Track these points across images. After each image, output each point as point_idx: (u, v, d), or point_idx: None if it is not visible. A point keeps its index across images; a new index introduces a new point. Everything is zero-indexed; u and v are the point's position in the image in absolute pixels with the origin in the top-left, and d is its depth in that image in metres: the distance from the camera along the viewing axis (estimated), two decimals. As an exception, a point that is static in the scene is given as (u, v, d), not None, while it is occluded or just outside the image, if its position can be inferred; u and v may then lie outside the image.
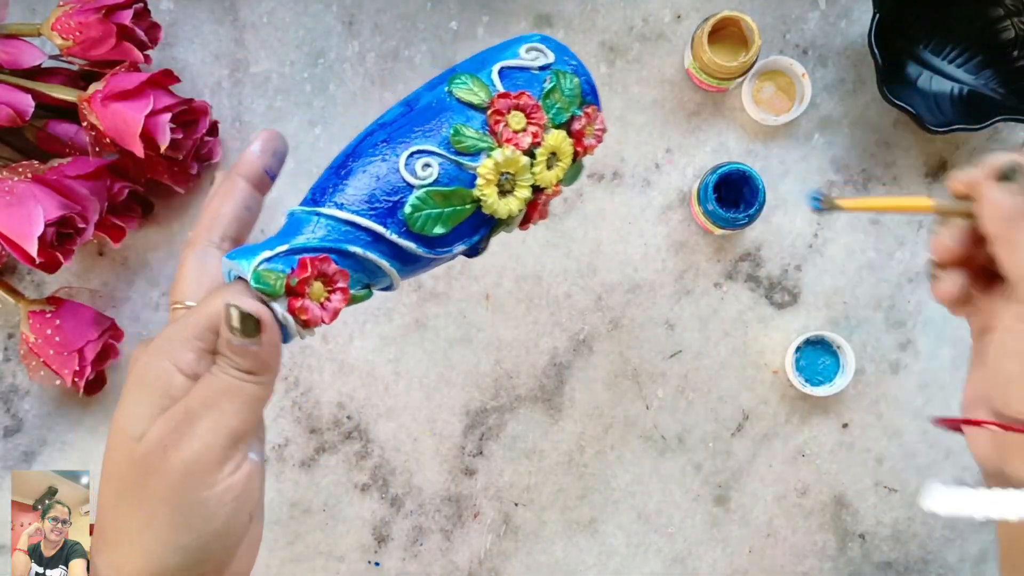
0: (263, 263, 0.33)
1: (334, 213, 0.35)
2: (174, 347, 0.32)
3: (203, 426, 0.31)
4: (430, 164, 0.35)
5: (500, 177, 0.36)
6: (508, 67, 0.37)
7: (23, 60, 0.54)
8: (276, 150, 0.39)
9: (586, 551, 0.62)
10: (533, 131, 0.37)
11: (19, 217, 0.50)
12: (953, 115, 0.59)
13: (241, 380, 0.32)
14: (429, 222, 0.35)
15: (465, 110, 0.36)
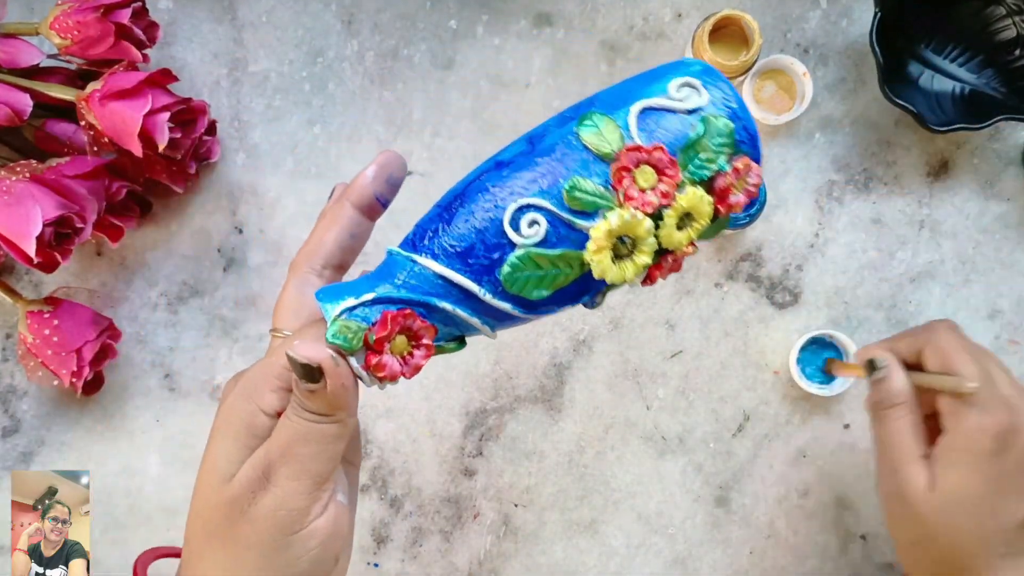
0: (344, 313, 0.31)
1: (428, 264, 0.32)
2: (257, 388, 0.32)
3: (284, 473, 0.31)
4: (537, 222, 0.31)
5: (616, 241, 0.32)
6: (651, 108, 0.32)
7: (21, 59, 0.54)
8: (391, 177, 0.36)
9: (586, 552, 0.61)
10: (663, 190, 0.31)
11: (17, 217, 0.50)
12: (954, 114, 0.59)
13: (313, 422, 0.31)
14: (528, 285, 0.32)
15: (589, 159, 0.31)
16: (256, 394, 0.32)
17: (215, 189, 0.62)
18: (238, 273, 0.62)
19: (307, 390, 0.30)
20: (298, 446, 0.31)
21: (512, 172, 0.32)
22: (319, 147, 0.62)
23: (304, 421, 0.31)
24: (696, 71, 0.32)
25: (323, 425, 0.31)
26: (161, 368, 0.61)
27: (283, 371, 0.32)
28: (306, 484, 0.31)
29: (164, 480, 0.61)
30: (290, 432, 0.31)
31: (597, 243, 0.31)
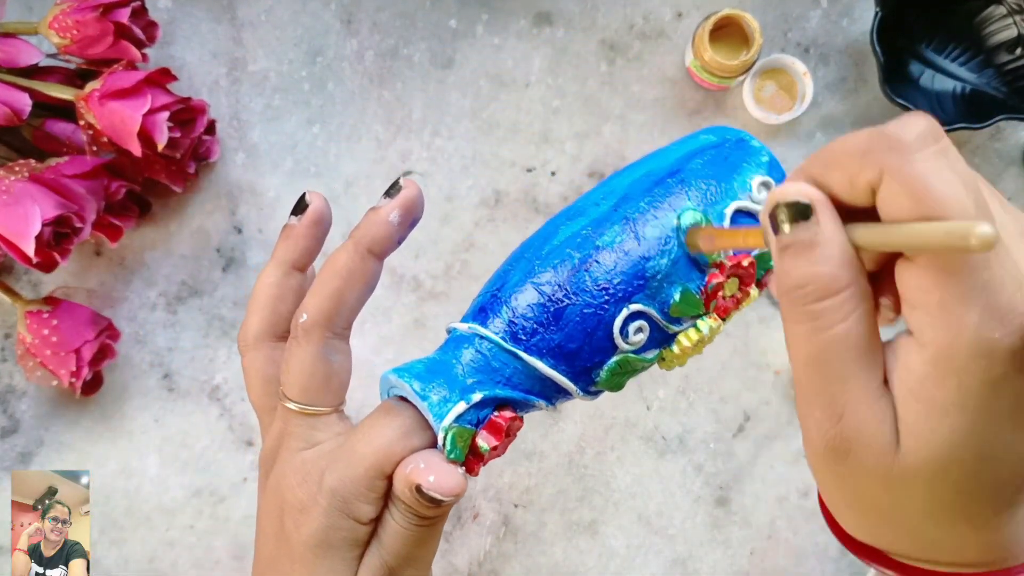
0: (456, 421, 0.30)
1: (537, 366, 0.30)
2: (350, 505, 0.30)
3: (408, 574, 0.31)
4: (642, 330, 0.31)
5: None
6: (740, 210, 0.32)
7: (20, 59, 0.54)
8: (415, 220, 0.32)
9: (586, 553, 0.61)
10: (739, 297, 0.32)
11: (16, 216, 0.50)
12: (955, 114, 0.58)
13: (432, 525, 0.30)
14: (613, 382, 0.32)
15: (691, 265, 0.31)
16: (351, 509, 0.30)
17: (214, 189, 0.62)
18: (237, 273, 0.62)
19: (434, 506, 0.29)
20: (419, 550, 0.31)
21: (620, 269, 0.31)
22: (318, 147, 0.62)
23: (427, 528, 0.30)
24: (767, 164, 0.33)
25: (439, 524, 0.31)
26: (160, 368, 0.61)
27: (376, 482, 0.30)
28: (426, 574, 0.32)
29: (163, 480, 0.61)
30: (408, 540, 0.30)
31: (684, 351, 0.32)
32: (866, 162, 0.22)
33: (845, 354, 0.23)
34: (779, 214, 0.23)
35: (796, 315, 0.23)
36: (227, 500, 0.61)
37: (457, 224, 0.61)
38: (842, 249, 0.23)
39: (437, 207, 0.61)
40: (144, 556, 0.60)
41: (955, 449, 0.23)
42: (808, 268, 0.23)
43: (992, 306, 0.21)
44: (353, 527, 0.30)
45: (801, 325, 0.23)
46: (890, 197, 0.21)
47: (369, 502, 0.30)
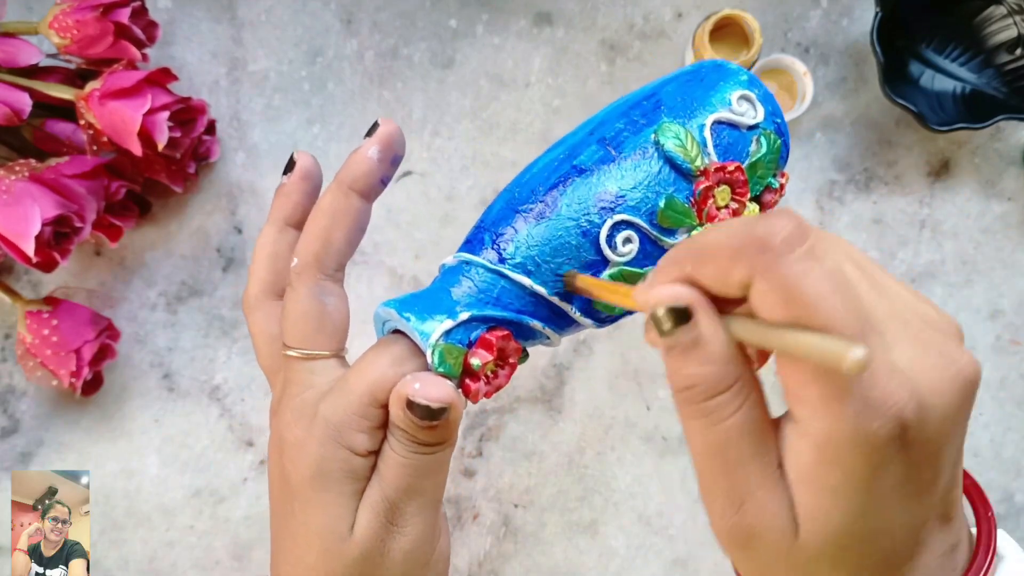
0: (443, 337, 0.29)
1: (521, 280, 0.30)
2: (344, 434, 0.29)
3: (411, 511, 0.30)
4: (631, 239, 0.31)
5: None
6: (719, 121, 0.32)
7: (20, 58, 0.54)
8: (396, 156, 0.32)
9: (586, 553, 0.61)
10: (735, 208, 0.32)
11: (16, 216, 0.49)
12: (955, 114, 0.58)
13: (433, 452, 0.30)
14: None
15: (674, 173, 0.31)
16: (346, 438, 0.29)
17: (214, 189, 0.62)
18: (237, 273, 0.62)
19: (427, 427, 0.29)
20: (420, 481, 0.30)
21: (600, 182, 0.31)
22: (318, 147, 0.62)
23: (422, 456, 0.29)
24: (746, 82, 0.33)
25: (441, 454, 0.30)
26: (160, 368, 0.61)
27: (370, 410, 0.29)
28: (431, 515, 0.31)
29: (163, 480, 0.61)
30: (408, 469, 0.29)
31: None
32: (737, 263, 0.22)
33: (740, 443, 0.24)
34: (660, 317, 0.24)
35: (688, 412, 0.24)
36: (227, 500, 0.61)
37: (457, 224, 0.61)
38: (724, 347, 0.24)
39: (437, 207, 0.61)
40: (144, 556, 0.60)
41: (849, 528, 0.24)
42: (694, 368, 0.24)
43: (868, 398, 0.22)
44: (348, 458, 0.30)
45: (694, 420, 0.24)
46: (762, 298, 0.22)
47: (363, 430, 0.29)
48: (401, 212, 0.61)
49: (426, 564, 0.31)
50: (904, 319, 0.24)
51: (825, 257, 0.22)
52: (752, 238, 0.22)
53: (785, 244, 0.22)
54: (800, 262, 0.21)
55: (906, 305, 0.24)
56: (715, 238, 0.23)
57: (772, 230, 0.22)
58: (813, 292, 0.21)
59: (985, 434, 0.62)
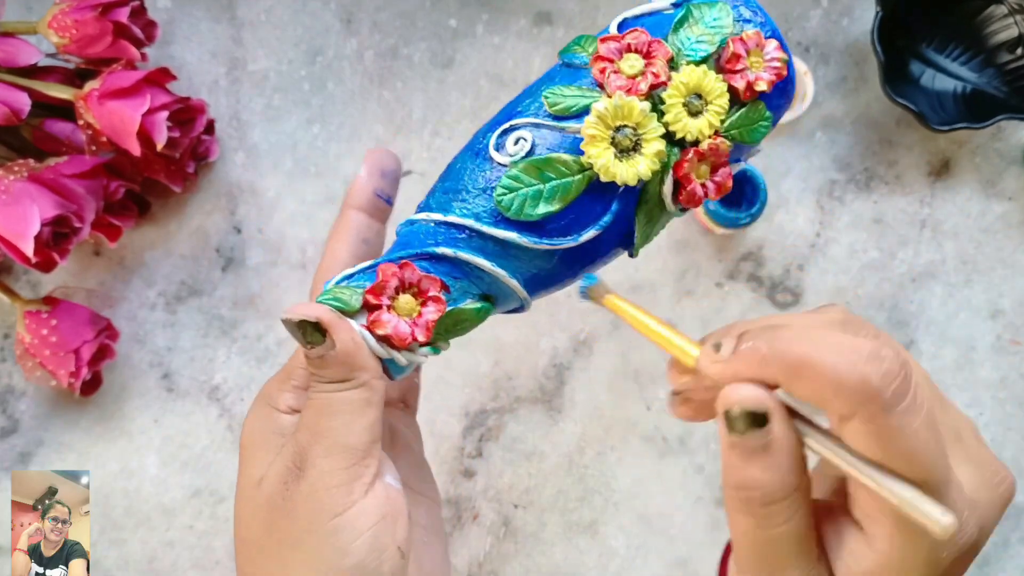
0: (343, 280, 0.29)
1: (423, 217, 0.30)
2: (271, 393, 0.31)
3: (315, 452, 0.28)
4: (523, 137, 0.29)
5: (616, 133, 0.28)
6: (632, 16, 0.30)
7: (19, 58, 0.54)
8: (385, 170, 0.35)
9: (586, 553, 0.61)
10: (653, 71, 0.29)
11: (15, 216, 0.49)
12: (956, 113, 0.58)
13: (336, 391, 0.29)
14: (528, 203, 0.29)
15: (569, 72, 0.30)
16: (272, 399, 0.31)
17: (214, 189, 0.62)
18: (237, 273, 0.62)
19: (317, 356, 0.28)
20: (324, 420, 0.28)
21: (499, 113, 0.31)
22: (318, 146, 0.62)
23: (326, 393, 0.28)
24: None
25: (347, 392, 0.28)
26: (159, 368, 0.61)
27: (297, 371, 0.30)
28: (341, 459, 0.28)
29: (162, 480, 0.61)
30: (314, 409, 0.29)
31: (587, 133, 0.28)
32: (841, 398, 0.22)
33: (787, 548, 0.24)
34: (734, 417, 0.23)
35: (739, 508, 0.24)
36: (227, 500, 0.61)
37: (457, 224, 0.61)
38: (793, 458, 0.23)
39: (437, 207, 0.61)
40: (144, 556, 0.60)
41: None
42: (756, 473, 0.23)
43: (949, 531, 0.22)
44: (274, 415, 0.31)
45: (744, 517, 0.24)
46: (859, 436, 0.22)
47: (288, 390, 0.31)
48: (401, 212, 0.61)
49: (335, 515, 0.28)
50: (958, 433, 0.25)
51: (924, 405, 0.22)
52: (863, 383, 0.22)
53: (895, 397, 0.22)
54: (906, 415, 0.22)
55: (956, 417, 0.25)
56: (820, 359, 0.22)
57: (884, 380, 0.21)
58: (913, 446, 0.22)
59: (985, 434, 0.62)
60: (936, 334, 0.61)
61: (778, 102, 0.31)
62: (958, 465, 0.24)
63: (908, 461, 0.22)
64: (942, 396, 0.25)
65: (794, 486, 0.23)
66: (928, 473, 0.22)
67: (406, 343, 0.29)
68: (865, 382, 0.21)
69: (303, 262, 0.61)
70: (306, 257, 0.61)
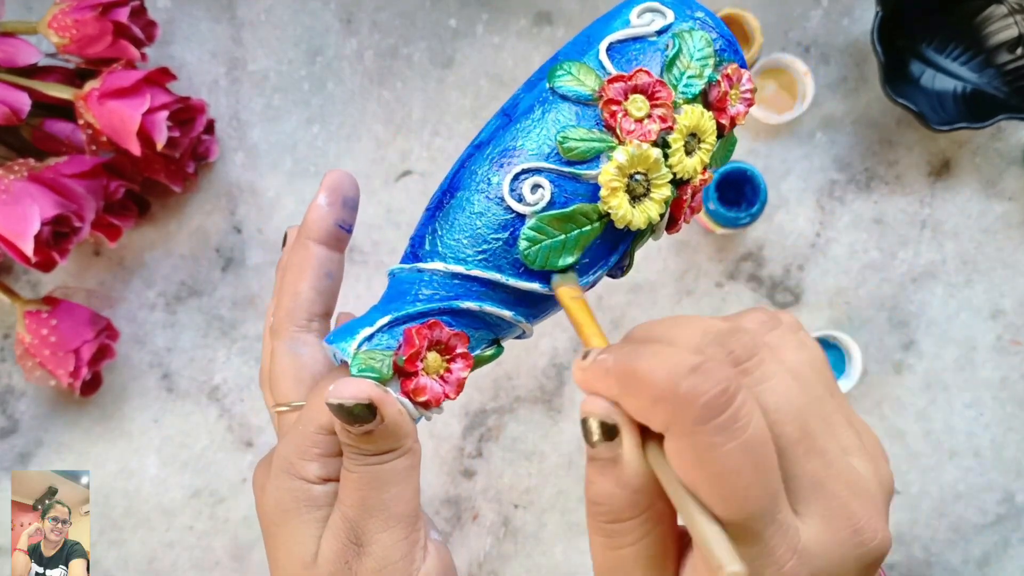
0: (364, 344, 0.28)
1: (437, 267, 0.29)
2: (294, 463, 0.29)
3: (372, 528, 0.28)
4: (540, 185, 0.28)
5: (629, 181, 0.29)
6: (618, 41, 0.30)
7: (19, 58, 0.54)
8: (345, 198, 0.32)
9: (586, 553, 0.61)
10: (660, 114, 0.29)
11: (15, 216, 0.49)
12: (956, 113, 0.58)
13: (382, 463, 0.28)
14: (552, 254, 0.29)
15: (572, 107, 0.29)
16: (296, 469, 0.29)
17: (213, 188, 0.62)
18: (236, 273, 0.62)
19: (363, 433, 0.27)
20: (376, 494, 0.28)
21: (495, 147, 0.29)
22: (318, 146, 0.62)
23: (372, 467, 0.28)
24: None
25: (395, 463, 0.28)
26: (159, 368, 0.61)
27: (318, 437, 0.29)
28: (400, 531, 0.28)
29: (162, 481, 0.61)
30: (361, 484, 0.28)
31: (609, 185, 0.28)
32: (656, 410, 0.21)
33: (634, 570, 0.23)
34: (589, 427, 0.23)
35: (593, 526, 0.24)
36: (226, 501, 0.61)
37: (457, 224, 0.61)
38: (639, 476, 0.23)
39: (437, 207, 0.61)
40: (144, 557, 0.60)
41: None
42: (607, 487, 0.23)
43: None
44: (303, 487, 0.29)
45: (597, 536, 0.24)
46: (675, 453, 0.21)
47: (314, 459, 0.29)
48: (401, 212, 0.61)
49: None
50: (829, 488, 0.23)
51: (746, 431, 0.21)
52: (673, 392, 0.21)
53: (707, 410, 0.20)
54: (718, 434, 0.20)
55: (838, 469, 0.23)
56: (646, 369, 0.21)
57: (697, 389, 0.20)
58: (723, 471, 0.20)
59: (986, 434, 0.62)
60: (937, 334, 0.61)
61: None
62: (806, 511, 0.22)
63: (717, 488, 0.20)
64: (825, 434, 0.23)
65: (643, 506, 0.23)
66: (739, 506, 0.21)
67: (440, 403, 0.29)
68: (676, 389, 0.21)
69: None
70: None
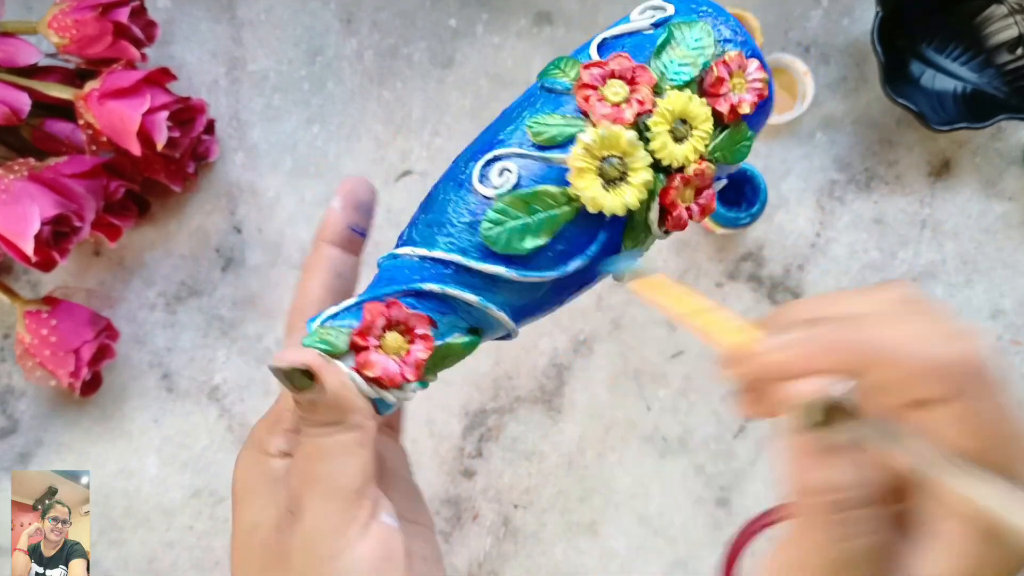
0: (328, 321, 0.29)
1: (407, 251, 0.29)
2: (261, 438, 0.30)
3: (309, 497, 0.28)
4: (508, 168, 0.28)
5: (603, 164, 0.28)
6: (613, 36, 0.30)
7: (19, 58, 0.54)
8: (360, 203, 0.33)
9: (586, 554, 0.61)
10: (639, 98, 0.28)
11: (15, 216, 0.49)
12: (956, 113, 0.58)
13: (327, 435, 0.28)
14: (514, 237, 0.28)
15: (554, 98, 0.29)
16: (262, 443, 0.30)
17: (213, 188, 0.62)
18: (236, 273, 0.62)
19: (307, 401, 0.28)
20: (317, 464, 0.28)
21: (478, 140, 0.30)
22: (318, 146, 0.62)
23: (317, 437, 0.28)
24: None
25: (339, 435, 0.28)
26: (159, 368, 0.61)
27: (285, 413, 0.30)
28: (335, 503, 0.28)
29: (162, 481, 0.61)
30: (306, 454, 0.29)
31: (574, 165, 0.28)
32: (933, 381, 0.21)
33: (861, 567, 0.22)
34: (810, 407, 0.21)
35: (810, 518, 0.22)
36: (226, 501, 0.61)
37: (457, 224, 0.61)
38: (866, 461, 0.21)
39: (437, 207, 0.61)
40: (143, 557, 0.60)
41: None
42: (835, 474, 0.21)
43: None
44: (264, 460, 0.30)
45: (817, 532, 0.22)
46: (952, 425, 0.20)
47: (277, 433, 0.30)
48: (401, 212, 0.61)
49: (332, 558, 0.28)
50: None
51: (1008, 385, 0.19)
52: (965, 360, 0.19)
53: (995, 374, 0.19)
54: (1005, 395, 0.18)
55: None
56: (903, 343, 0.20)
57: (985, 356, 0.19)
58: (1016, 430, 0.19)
59: (986, 434, 0.62)
60: (936, 334, 0.61)
61: (758, 119, 0.30)
62: None
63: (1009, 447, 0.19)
64: None
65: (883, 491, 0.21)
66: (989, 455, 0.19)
67: (396, 383, 0.28)
68: (967, 358, 0.19)
69: (303, 262, 0.61)
70: (306, 257, 0.61)
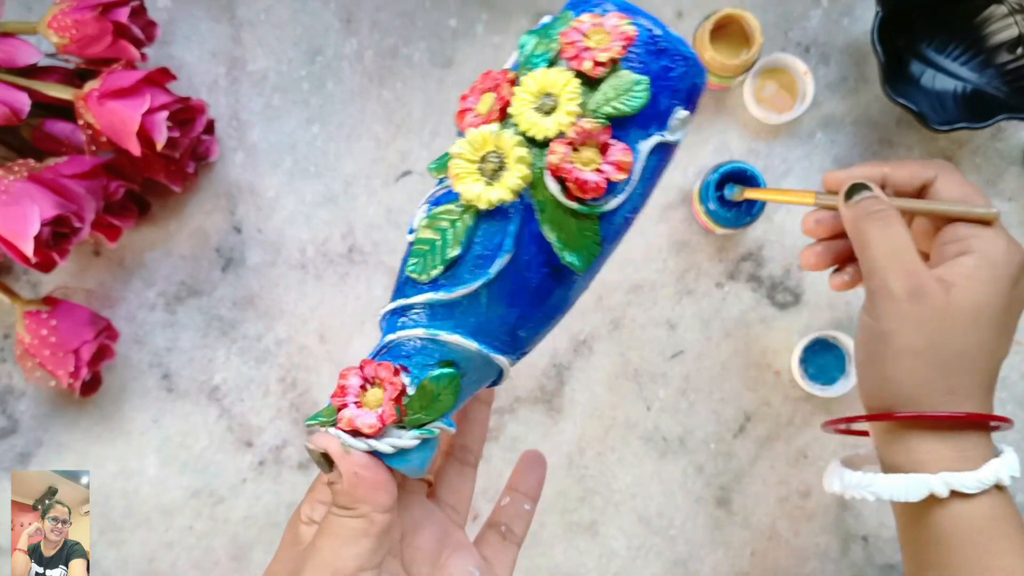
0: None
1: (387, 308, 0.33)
2: (302, 507, 0.34)
3: (307, 566, 0.31)
4: (421, 211, 0.32)
5: (480, 164, 0.29)
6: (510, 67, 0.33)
7: (19, 58, 0.54)
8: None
9: (586, 554, 0.61)
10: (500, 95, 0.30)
11: (15, 216, 0.49)
12: (956, 113, 0.58)
13: (339, 515, 0.31)
14: (432, 260, 0.30)
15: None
16: (301, 508, 0.34)
17: (213, 188, 0.62)
18: (236, 273, 0.62)
19: (328, 482, 0.31)
20: (321, 539, 0.31)
21: None
22: (318, 146, 0.62)
23: (332, 515, 0.31)
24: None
25: (348, 520, 0.30)
26: (159, 368, 0.61)
27: (319, 485, 0.34)
28: None
29: (162, 481, 0.61)
30: (320, 527, 0.31)
31: (452, 173, 0.30)
32: (928, 169, 0.45)
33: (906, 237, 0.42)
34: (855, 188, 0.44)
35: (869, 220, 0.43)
36: (226, 501, 0.61)
37: (457, 224, 0.61)
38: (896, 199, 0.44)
39: (437, 207, 0.61)
40: (143, 557, 0.60)
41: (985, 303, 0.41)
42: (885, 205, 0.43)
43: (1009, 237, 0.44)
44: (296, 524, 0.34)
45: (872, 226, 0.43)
46: (943, 189, 0.44)
47: (308, 500, 0.34)
48: (401, 212, 0.61)
49: None
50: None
51: None
52: (937, 161, 0.45)
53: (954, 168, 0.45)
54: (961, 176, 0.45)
55: None
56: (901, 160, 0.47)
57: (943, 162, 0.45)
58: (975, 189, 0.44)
59: (986, 434, 0.62)
60: (936, 334, 0.61)
61: (654, 61, 0.30)
62: None
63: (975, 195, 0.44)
64: None
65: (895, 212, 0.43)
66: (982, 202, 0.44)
67: (377, 429, 0.29)
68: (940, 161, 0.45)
69: (302, 262, 0.61)
70: (305, 257, 0.61)
